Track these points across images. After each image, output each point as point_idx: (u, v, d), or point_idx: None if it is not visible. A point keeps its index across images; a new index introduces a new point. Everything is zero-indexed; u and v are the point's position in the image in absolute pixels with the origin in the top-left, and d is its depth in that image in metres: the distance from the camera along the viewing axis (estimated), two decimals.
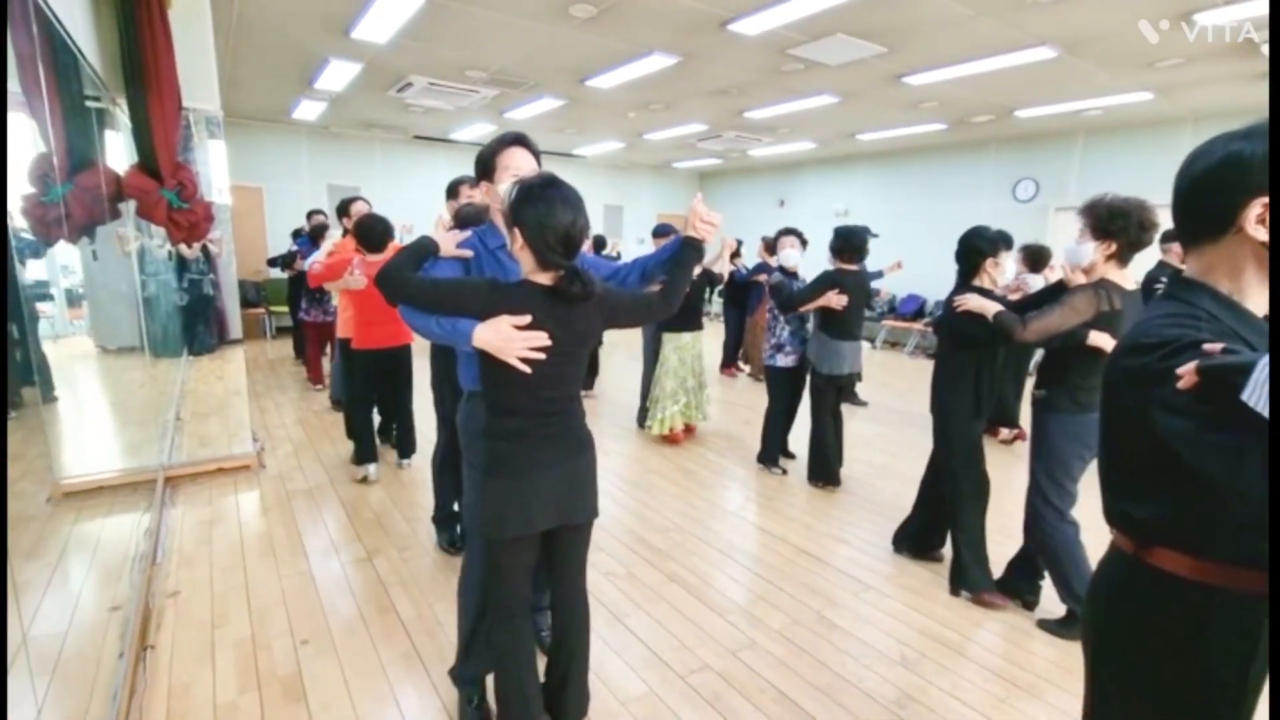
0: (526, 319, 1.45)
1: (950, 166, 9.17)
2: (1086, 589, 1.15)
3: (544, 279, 1.49)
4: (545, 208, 1.43)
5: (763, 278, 6.78)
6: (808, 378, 3.99)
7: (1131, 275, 2.29)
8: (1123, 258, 2.22)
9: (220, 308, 6.57)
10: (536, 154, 1.80)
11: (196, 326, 6.38)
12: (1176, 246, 3.31)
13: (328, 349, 6.11)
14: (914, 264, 7.22)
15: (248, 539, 3.05)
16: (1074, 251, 2.29)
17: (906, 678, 2.13)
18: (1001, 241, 2.69)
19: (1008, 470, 4.17)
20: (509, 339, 1.44)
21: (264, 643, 2.27)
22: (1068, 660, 2.25)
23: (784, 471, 4.16)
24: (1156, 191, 7.19)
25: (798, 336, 4.01)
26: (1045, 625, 2.44)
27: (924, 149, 9.31)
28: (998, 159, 8.64)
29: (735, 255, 5.51)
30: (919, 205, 9.47)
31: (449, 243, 1.70)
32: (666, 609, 2.52)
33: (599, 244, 7.31)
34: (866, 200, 10.16)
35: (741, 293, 6.96)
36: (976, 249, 2.64)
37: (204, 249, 5.74)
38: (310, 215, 6.30)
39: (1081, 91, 5.97)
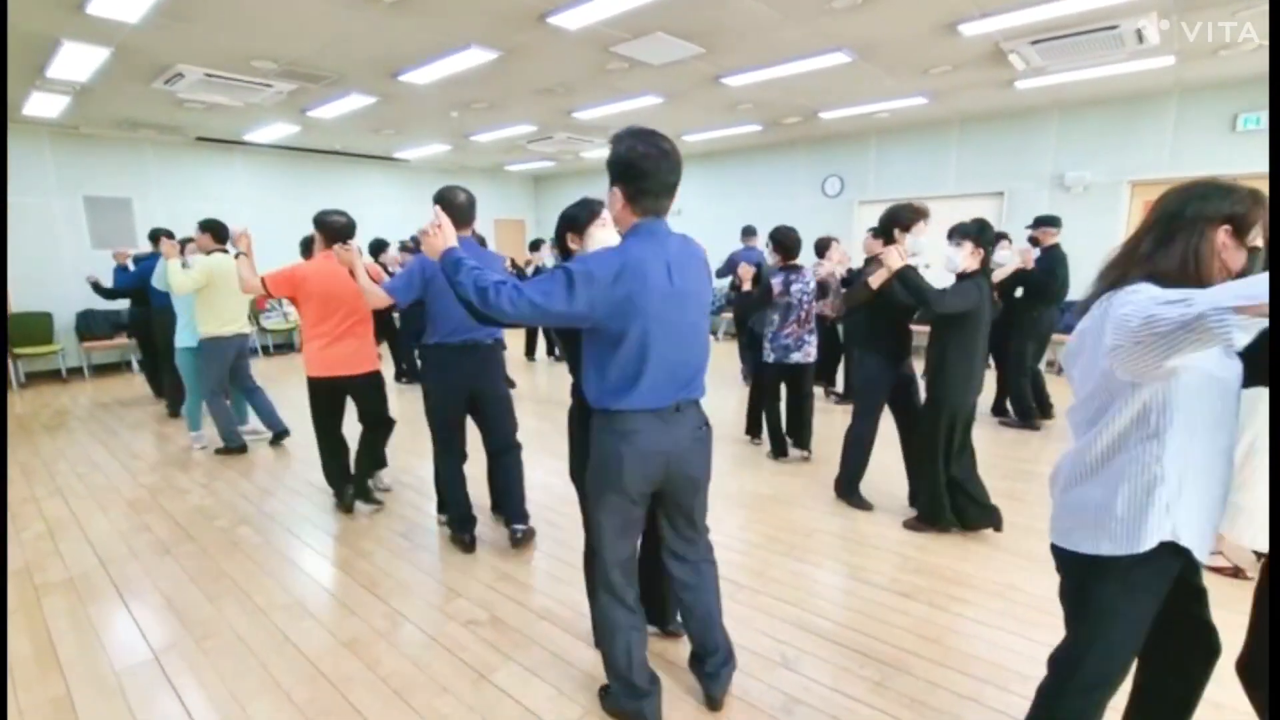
0: None
1: (767, 166, 9.79)
2: None
3: None
4: None
5: None
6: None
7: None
8: None
9: None
10: None
11: None
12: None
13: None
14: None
15: None
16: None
17: (789, 679, 2.10)
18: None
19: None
20: None
21: None
22: (926, 628, 2.38)
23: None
24: (932, 185, 8.20)
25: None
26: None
27: (744, 149, 9.85)
28: (808, 158, 9.37)
29: None
30: (742, 203, 10.00)
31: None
32: (539, 654, 2.28)
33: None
34: (698, 200, 10.54)
35: None
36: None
37: None
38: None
39: (872, 95, 6.60)
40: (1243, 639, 1.35)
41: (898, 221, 3.15)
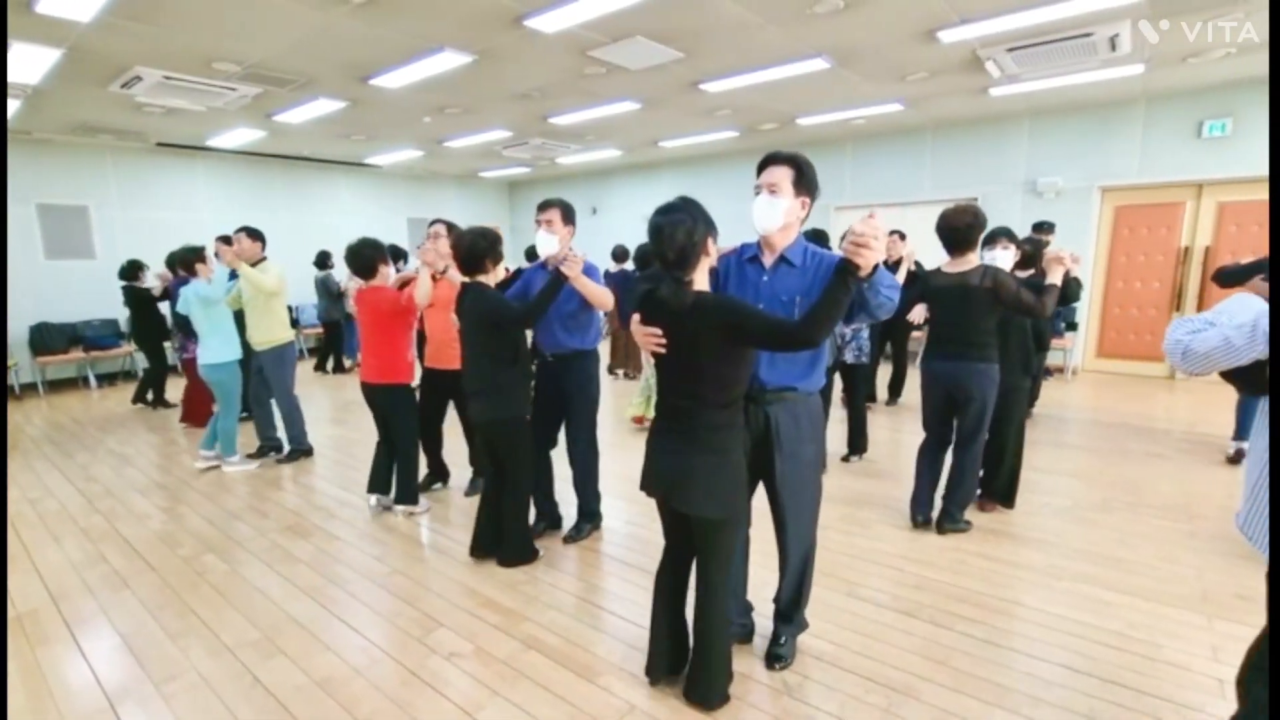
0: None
1: (744, 172, 9.69)
2: None
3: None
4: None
5: None
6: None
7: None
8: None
9: None
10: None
11: None
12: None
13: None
14: None
15: None
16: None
17: (794, 709, 2.01)
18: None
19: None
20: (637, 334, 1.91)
21: None
22: (931, 649, 2.30)
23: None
24: (907, 190, 8.18)
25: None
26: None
27: (721, 155, 9.82)
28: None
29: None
30: (718, 209, 9.84)
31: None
32: (527, 687, 2.15)
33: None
34: None
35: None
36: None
37: None
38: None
39: (849, 101, 6.61)
40: None
41: (984, 227, 3.05)
